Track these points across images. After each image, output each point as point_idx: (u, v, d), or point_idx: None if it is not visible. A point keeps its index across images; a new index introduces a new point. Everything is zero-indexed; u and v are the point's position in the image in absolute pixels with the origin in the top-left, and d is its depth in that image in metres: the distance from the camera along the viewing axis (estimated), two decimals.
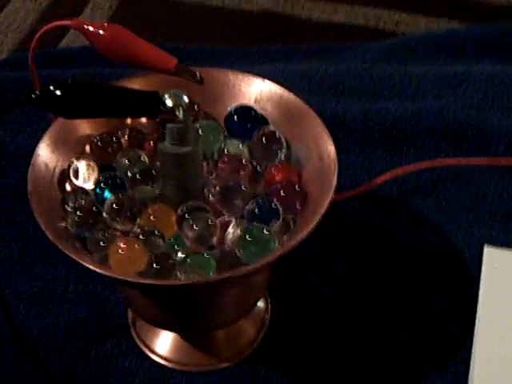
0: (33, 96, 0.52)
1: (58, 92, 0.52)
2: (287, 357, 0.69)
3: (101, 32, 0.61)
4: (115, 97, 0.53)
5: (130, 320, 0.71)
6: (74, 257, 0.52)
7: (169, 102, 0.54)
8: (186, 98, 0.54)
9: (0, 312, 0.59)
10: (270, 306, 0.72)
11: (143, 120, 0.63)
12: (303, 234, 0.54)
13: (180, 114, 0.54)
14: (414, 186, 0.83)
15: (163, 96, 0.54)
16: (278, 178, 0.61)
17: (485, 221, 0.79)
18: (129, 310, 0.71)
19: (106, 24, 0.62)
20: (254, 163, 0.61)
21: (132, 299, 0.64)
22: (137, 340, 0.70)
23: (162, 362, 0.69)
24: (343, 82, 0.93)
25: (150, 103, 0.54)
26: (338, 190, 0.58)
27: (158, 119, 0.57)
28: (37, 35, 0.65)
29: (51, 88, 0.52)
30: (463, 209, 0.81)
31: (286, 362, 0.69)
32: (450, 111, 0.88)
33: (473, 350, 0.67)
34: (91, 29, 0.61)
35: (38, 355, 0.68)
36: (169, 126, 0.55)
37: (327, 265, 0.75)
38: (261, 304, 0.72)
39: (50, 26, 0.66)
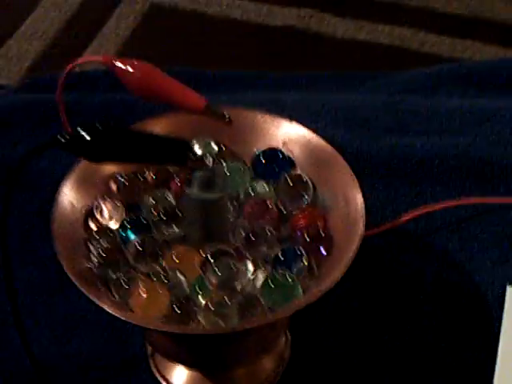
0: (62, 140, 0.52)
1: (87, 137, 0.52)
2: None
3: (130, 70, 0.61)
4: (145, 144, 0.53)
5: (148, 352, 0.71)
6: (96, 300, 0.52)
7: (198, 150, 0.54)
8: (215, 146, 0.54)
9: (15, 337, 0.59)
10: (290, 340, 0.72)
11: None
12: (328, 283, 0.54)
13: (209, 161, 0.54)
14: (439, 224, 0.82)
15: (192, 143, 0.54)
16: (303, 221, 0.60)
17: (508, 260, 0.78)
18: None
19: (135, 62, 0.62)
20: (280, 206, 0.61)
21: (151, 337, 0.64)
22: (155, 373, 0.70)
23: None
24: (369, 116, 0.92)
25: (179, 151, 0.54)
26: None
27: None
28: (66, 70, 0.66)
29: (81, 132, 0.52)
30: (487, 247, 0.80)
31: None
32: (476, 148, 0.87)
33: None
34: (121, 66, 0.62)
35: None
36: (197, 173, 0.55)
37: (348, 301, 0.75)
38: (281, 339, 0.71)
39: (80, 60, 0.66)
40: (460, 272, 0.77)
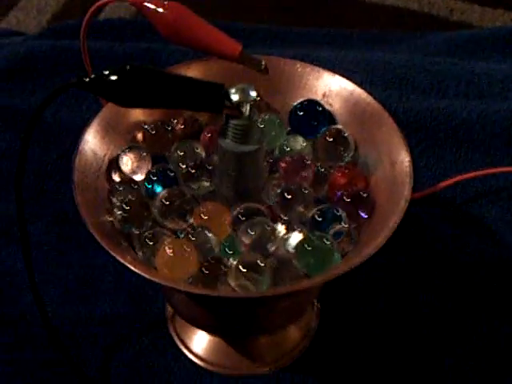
0: (86, 80, 0.47)
1: (113, 77, 0.47)
2: (332, 367, 0.65)
3: (161, 10, 0.57)
4: (176, 87, 0.48)
5: (168, 315, 0.67)
6: (118, 257, 0.48)
7: (235, 97, 0.49)
8: (253, 94, 0.49)
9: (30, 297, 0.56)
10: (318, 309, 0.68)
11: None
12: (369, 250, 0.49)
13: (246, 110, 0.49)
14: (478, 192, 0.78)
15: (229, 90, 0.49)
16: (342, 181, 0.56)
17: None
18: (168, 305, 0.67)
19: (166, 2, 0.57)
20: (318, 164, 0.56)
21: (173, 299, 0.60)
22: (174, 337, 0.66)
23: (198, 362, 0.65)
24: (407, 76, 0.88)
25: (214, 97, 0.49)
26: None
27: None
28: (91, 9, 0.61)
29: (106, 73, 0.47)
30: None
31: (330, 372, 0.65)
32: None
33: None
34: (152, 6, 0.57)
35: (69, 348, 0.64)
36: (232, 122, 0.50)
37: (382, 271, 0.71)
38: (309, 309, 0.67)
39: (101, 2, 0.61)
40: (500, 244, 0.73)
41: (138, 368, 0.65)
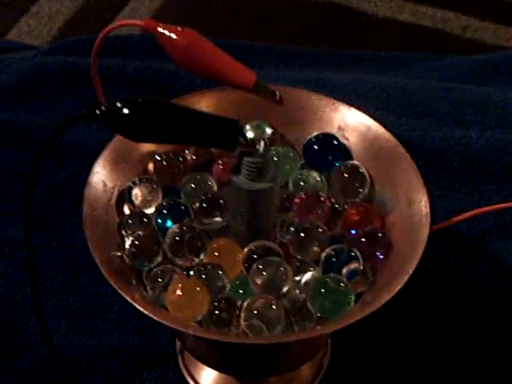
0: (97, 112, 0.46)
1: (125, 111, 0.45)
2: None
3: (174, 37, 0.55)
4: (190, 122, 0.47)
5: (178, 349, 0.65)
6: (126, 296, 0.46)
7: (250, 134, 0.47)
8: (269, 131, 0.48)
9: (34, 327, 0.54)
10: (330, 346, 0.66)
11: None
12: (390, 295, 0.48)
13: (261, 147, 0.47)
14: (495, 226, 0.76)
15: (244, 126, 0.47)
16: (357, 218, 0.54)
17: None
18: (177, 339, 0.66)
19: (180, 29, 0.56)
20: (333, 200, 0.55)
21: (182, 337, 0.58)
22: (184, 371, 0.64)
23: None
24: (422, 103, 0.86)
25: (228, 133, 0.47)
26: None
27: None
28: (102, 34, 0.60)
29: (119, 105, 0.45)
30: None
31: None
32: None
33: None
34: (165, 32, 0.55)
35: (74, 380, 0.63)
36: (247, 159, 0.48)
37: (392, 306, 0.68)
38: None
39: (118, 24, 0.60)
40: None
41: None
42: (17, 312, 0.67)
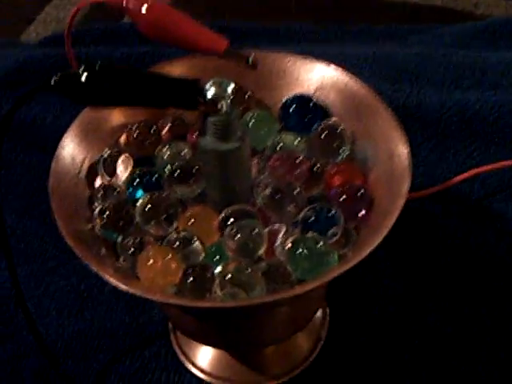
0: (52, 82, 0.44)
1: (81, 77, 0.44)
2: (343, 377, 0.61)
3: (142, 11, 0.54)
4: (148, 84, 0.45)
5: (170, 327, 0.64)
6: (92, 265, 0.45)
7: (210, 93, 0.46)
8: (231, 88, 0.46)
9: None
10: (327, 316, 0.64)
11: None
12: (369, 249, 0.45)
13: (224, 105, 0.46)
14: (495, 187, 0.73)
15: (205, 85, 0.46)
16: (338, 179, 0.52)
17: None
18: None
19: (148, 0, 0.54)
20: (312, 162, 0.53)
21: (167, 311, 0.57)
22: (177, 350, 0.63)
23: (203, 376, 0.62)
24: (418, 68, 0.84)
25: (188, 93, 0.46)
26: (410, 188, 0.49)
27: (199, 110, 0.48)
28: (72, 13, 0.59)
29: (73, 73, 0.44)
30: None
31: (341, 382, 0.61)
32: None
33: None
34: (130, 6, 0.54)
35: (65, 365, 0.61)
36: (210, 119, 0.47)
37: (392, 272, 0.67)
38: (317, 315, 0.64)
39: (82, 3, 0.59)
40: None
41: (139, 383, 0.61)
42: (5, 299, 0.66)
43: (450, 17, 1.61)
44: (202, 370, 0.62)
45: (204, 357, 0.62)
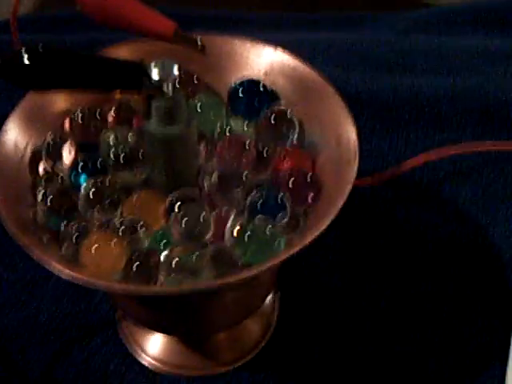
0: None
1: (25, 60, 0.43)
2: (295, 361, 0.61)
3: None
4: (92, 66, 0.44)
5: (118, 313, 0.63)
6: (35, 253, 0.44)
7: (155, 74, 0.45)
8: (176, 69, 0.45)
9: None
10: (278, 301, 0.64)
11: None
12: (315, 232, 0.45)
13: (168, 88, 0.45)
14: (447, 173, 0.74)
15: (148, 66, 0.45)
16: (287, 164, 0.52)
17: None
18: None
19: None
20: (260, 147, 0.52)
21: (113, 299, 0.56)
22: (127, 337, 0.62)
23: (153, 363, 0.61)
24: (370, 54, 0.84)
25: (131, 75, 0.45)
26: (361, 175, 0.49)
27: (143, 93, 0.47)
28: None
29: (15, 55, 0.43)
30: (501, 200, 0.71)
31: (292, 366, 0.61)
32: (490, 89, 0.78)
33: (509, 363, 0.58)
34: None
35: (12, 356, 0.60)
36: (155, 101, 0.46)
37: (345, 258, 0.67)
38: (268, 300, 0.63)
39: None
40: (471, 226, 0.69)
41: (87, 372, 0.60)
42: None
43: (406, 4, 1.60)
44: (152, 357, 0.61)
45: (154, 344, 0.62)
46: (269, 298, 0.63)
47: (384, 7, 1.42)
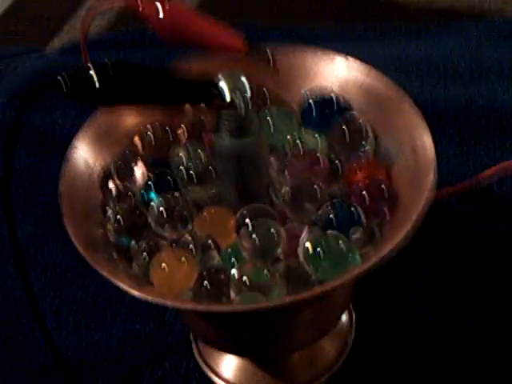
0: (59, 78, 0.42)
1: (94, 76, 0.42)
2: (372, 382, 0.59)
3: (157, 12, 0.53)
4: (160, 80, 0.43)
5: (192, 337, 0.62)
6: (104, 272, 0.43)
7: (225, 88, 0.44)
8: (246, 82, 0.44)
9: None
10: (354, 321, 0.62)
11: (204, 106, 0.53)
12: (391, 245, 0.43)
13: (239, 101, 0.44)
14: None
15: (219, 80, 0.44)
16: (360, 175, 0.50)
17: None
18: None
19: (162, 3, 0.53)
20: (333, 158, 0.50)
21: (185, 319, 0.55)
22: (199, 360, 0.61)
23: None
24: (444, 63, 0.82)
25: (201, 89, 0.44)
26: (436, 187, 0.47)
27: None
28: (85, 18, 0.57)
29: (81, 70, 0.42)
30: None
31: None
32: None
33: None
34: (147, 12, 0.53)
35: (85, 378, 0.60)
36: (224, 114, 0.45)
37: (422, 276, 0.64)
38: (344, 318, 0.61)
39: (93, 12, 0.57)
40: None
41: None
42: (23, 313, 0.65)
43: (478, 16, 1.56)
44: (225, 380, 0.60)
45: (227, 366, 0.61)
46: (344, 318, 0.61)
47: (447, 17, 1.39)
